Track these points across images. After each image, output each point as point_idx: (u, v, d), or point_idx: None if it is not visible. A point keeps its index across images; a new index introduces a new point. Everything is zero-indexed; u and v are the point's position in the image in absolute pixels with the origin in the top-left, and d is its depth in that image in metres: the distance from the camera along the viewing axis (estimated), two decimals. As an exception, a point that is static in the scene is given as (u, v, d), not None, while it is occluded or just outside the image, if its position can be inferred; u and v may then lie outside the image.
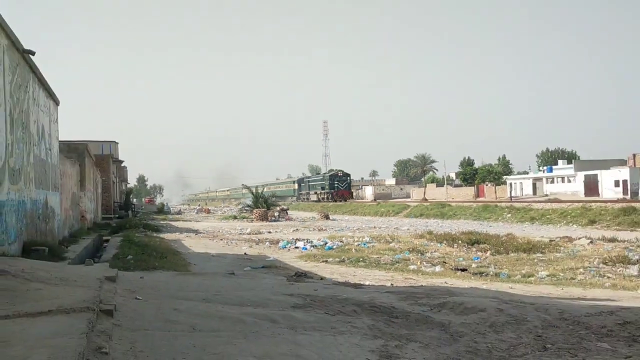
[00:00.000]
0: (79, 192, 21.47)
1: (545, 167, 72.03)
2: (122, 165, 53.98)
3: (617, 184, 52.79)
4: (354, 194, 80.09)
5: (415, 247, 16.43)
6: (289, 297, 6.60)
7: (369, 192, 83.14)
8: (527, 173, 75.41)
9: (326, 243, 18.58)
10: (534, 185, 66.38)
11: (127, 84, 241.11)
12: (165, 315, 5.23)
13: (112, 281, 6.69)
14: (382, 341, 4.77)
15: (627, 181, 51.19)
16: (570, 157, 77.75)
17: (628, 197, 46.63)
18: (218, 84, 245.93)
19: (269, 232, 25.32)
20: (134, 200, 77.70)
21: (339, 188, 72.27)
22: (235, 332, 4.80)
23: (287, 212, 42.57)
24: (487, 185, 69.93)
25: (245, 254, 16.08)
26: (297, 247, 17.95)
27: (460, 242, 17.38)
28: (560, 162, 72.69)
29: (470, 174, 71.07)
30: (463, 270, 12.43)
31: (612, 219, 26.67)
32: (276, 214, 39.69)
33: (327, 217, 40.50)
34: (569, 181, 60.99)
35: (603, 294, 9.03)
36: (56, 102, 15.47)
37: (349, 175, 77.59)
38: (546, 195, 56.48)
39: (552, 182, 64.36)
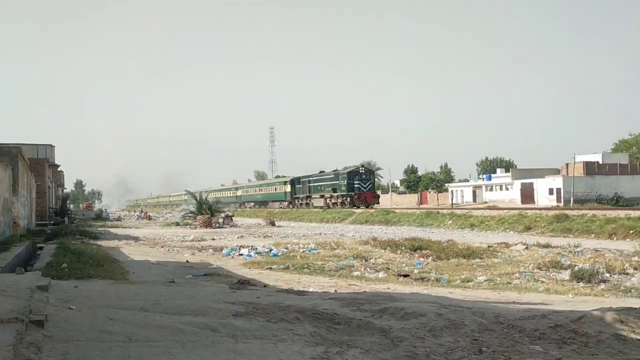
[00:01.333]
0: (11, 198, 20.46)
1: (484, 176, 74.68)
2: (59, 169, 51.97)
3: (551, 192, 55.37)
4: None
5: (359, 254, 16.58)
6: (230, 305, 6.51)
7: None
8: (468, 181, 77.88)
9: (271, 250, 18.46)
10: (474, 192, 68.72)
11: (65, 85, 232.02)
12: (100, 326, 5.05)
13: (44, 290, 6.41)
14: (323, 348, 4.78)
15: (561, 189, 53.78)
16: (508, 166, 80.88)
17: (561, 204, 48.92)
18: (161, 87, 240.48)
19: (213, 239, 24.92)
20: (71, 206, 74.95)
21: (360, 189, 53.09)
22: (173, 341, 4.69)
23: (232, 219, 42.13)
24: (430, 192, 71.74)
25: (187, 261, 15.76)
26: (241, 254, 17.74)
27: (403, 248, 17.67)
28: (498, 170, 75.64)
29: (414, 182, 72.76)
30: (405, 276, 12.64)
31: (546, 226, 27.80)
32: (220, 220, 39.19)
33: (272, 224, 40.34)
34: (507, 189, 63.51)
35: (537, 297, 9.40)
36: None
37: (373, 172, 58.32)
38: (485, 202, 58.46)
39: (491, 189, 66.84)
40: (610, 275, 11.90)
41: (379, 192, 73.48)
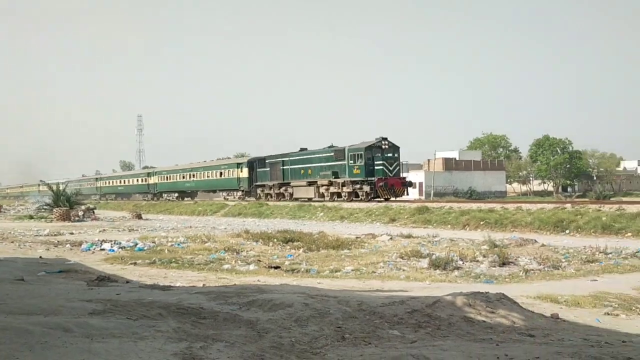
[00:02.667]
0: None
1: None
2: None
3: (414, 185, 59.08)
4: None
5: (231, 247, 16.36)
6: (86, 303, 6.10)
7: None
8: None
9: (137, 244, 17.57)
10: (345, 186, 70.97)
11: None
12: None
13: None
14: (186, 343, 4.63)
15: (423, 183, 57.53)
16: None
17: (423, 197, 52.36)
18: (15, 69, 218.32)
19: (71, 234, 23.16)
20: None
21: (386, 174, 34.65)
22: (19, 344, 4.29)
23: (93, 212, 39.52)
24: (302, 185, 72.67)
25: (40, 257, 14.49)
26: (103, 249, 16.65)
27: (275, 240, 17.74)
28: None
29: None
30: (276, 267, 12.70)
31: (409, 217, 29.43)
32: (80, 213, 36.58)
33: (139, 217, 38.45)
34: (376, 183, 66.57)
35: (398, 285, 9.94)
36: None
37: (398, 148, 36.33)
38: (355, 195, 60.65)
39: (361, 183, 69.64)
40: (463, 263, 12.90)
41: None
